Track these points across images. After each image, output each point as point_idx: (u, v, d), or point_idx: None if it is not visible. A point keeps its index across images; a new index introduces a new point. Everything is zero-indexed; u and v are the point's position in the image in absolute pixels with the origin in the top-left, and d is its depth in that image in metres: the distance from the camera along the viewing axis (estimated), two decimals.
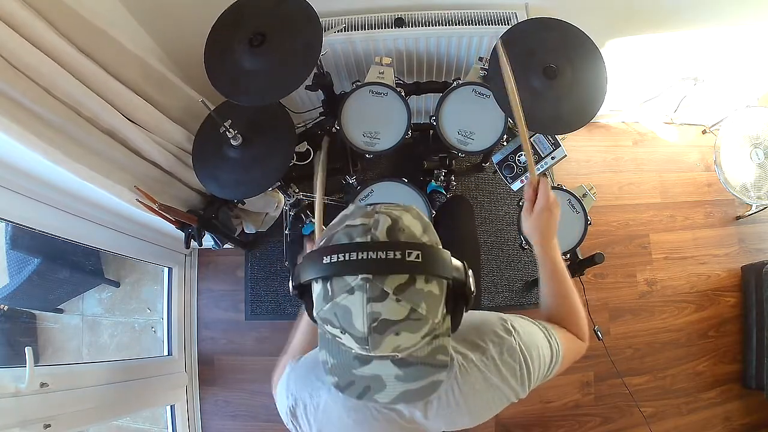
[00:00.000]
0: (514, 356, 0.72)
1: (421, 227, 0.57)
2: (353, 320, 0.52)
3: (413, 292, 0.52)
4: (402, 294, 0.52)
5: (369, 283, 0.51)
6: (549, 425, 1.99)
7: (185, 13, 1.40)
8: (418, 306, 0.53)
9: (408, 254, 0.52)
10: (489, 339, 0.73)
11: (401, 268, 0.52)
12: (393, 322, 0.52)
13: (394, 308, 0.52)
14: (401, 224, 0.55)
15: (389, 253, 0.52)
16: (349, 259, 0.52)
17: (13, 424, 1.14)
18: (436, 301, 0.55)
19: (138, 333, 2.18)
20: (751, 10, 1.54)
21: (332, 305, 0.53)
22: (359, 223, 0.56)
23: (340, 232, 0.56)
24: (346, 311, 0.53)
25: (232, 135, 1.31)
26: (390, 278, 0.52)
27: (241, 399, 2.02)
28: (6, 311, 2.06)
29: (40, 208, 1.31)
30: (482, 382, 0.71)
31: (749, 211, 2.19)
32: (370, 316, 0.52)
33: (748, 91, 2.05)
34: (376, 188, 1.48)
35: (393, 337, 0.53)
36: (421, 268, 0.53)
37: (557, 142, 1.47)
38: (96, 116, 1.18)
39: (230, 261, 2.14)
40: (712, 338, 2.11)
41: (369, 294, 0.51)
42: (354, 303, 0.52)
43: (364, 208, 0.59)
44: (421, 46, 1.56)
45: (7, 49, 0.93)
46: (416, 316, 0.53)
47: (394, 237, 0.54)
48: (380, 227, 0.54)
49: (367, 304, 0.51)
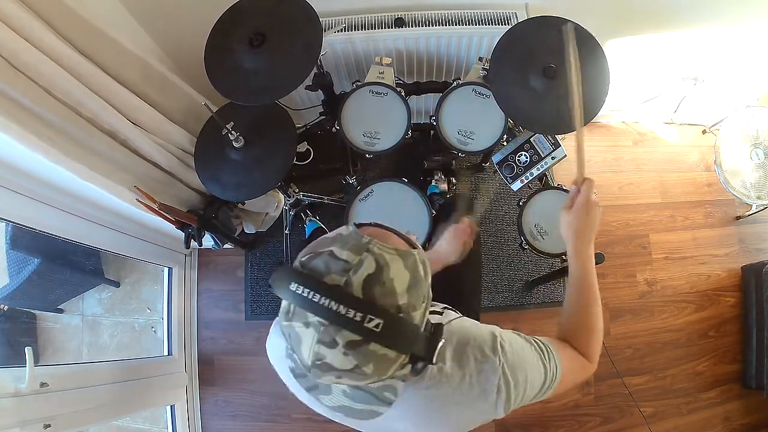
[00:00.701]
0: (492, 377, 0.69)
1: (407, 283, 0.54)
2: (301, 349, 0.53)
3: (364, 352, 0.52)
4: (351, 350, 0.51)
5: (324, 327, 0.51)
6: (549, 425, 1.99)
7: (185, 13, 1.40)
8: (365, 365, 0.52)
9: (368, 320, 0.50)
10: (473, 354, 0.70)
11: (356, 330, 0.51)
12: (336, 369, 0.53)
13: (340, 359, 0.52)
14: (384, 276, 0.53)
15: (350, 311, 0.50)
16: (311, 298, 0.51)
17: (13, 424, 1.14)
18: (388, 363, 0.54)
19: (138, 333, 2.18)
20: (751, 10, 1.54)
21: (289, 326, 0.54)
22: (343, 258, 0.53)
23: (322, 258, 0.55)
24: (298, 338, 0.53)
25: (234, 137, 1.31)
26: (343, 332, 0.51)
27: (241, 399, 2.01)
28: (6, 311, 2.06)
29: (40, 208, 1.31)
30: (452, 398, 0.69)
31: (749, 211, 2.19)
32: (316, 354, 0.52)
33: (748, 91, 2.05)
34: (376, 188, 1.48)
35: (333, 377, 0.54)
36: (376, 338, 0.51)
37: (557, 142, 1.47)
38: (96, 116, 1.18)
39: (230, 261, 2.14)
40: (712, 338, 2.11)
41: (320, 336, 0.51)
42: (306, 336, 0.52)
43: (360, 239, 0.55)
44: (421, 46, 1.56)
45: (7, 50, 0.93)
46: (360, 372, 0.53)
47: (367, 290, 0.52)
48: (360, 273, 0.52)
49: (316, 344, 0.52)
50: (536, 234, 1.45)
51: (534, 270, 2.08)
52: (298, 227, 1.99)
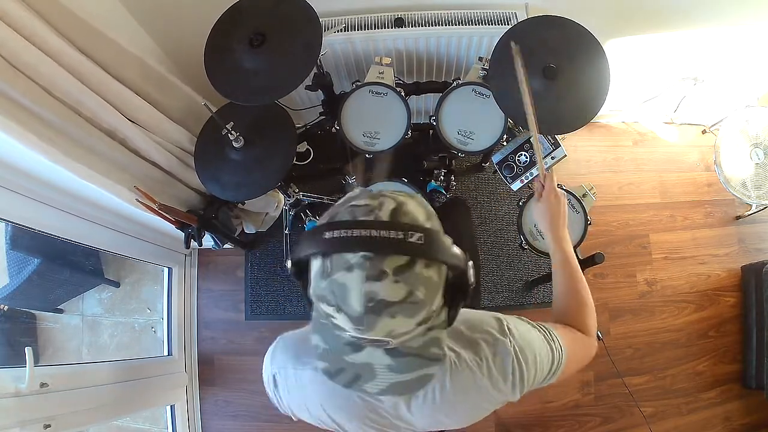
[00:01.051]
0: (507, 359, 0.70)
1: (425, 214, 0.57)
2: (350, 298, 0.51)
3: (412, 275, 0.51)
4: (401, 275, 0.51)
5: (368, 262, 0.50)
6: (549, 425, 1.99)
7: (185, 13, 1.40)
8: (416, 289, 0.52)
9: (410, 235, 0.51)
10: (483, 339, 0.71)
11: (402, 249, 0.51)
12: (389, 303, 0.51)
13: (392, 289, 0.51)
14: (405, 208, 0.55)
15: (391, 233, 0.51)
16: (351, 235, 0.51)
17: (13, 424, 1.14)
18: (434, 287, 0.54)
19: (138, 333, 2.18)
20: (751, 10, 1.54)
21: (330, 282, 0.52)
22: (363, 203, 0.55)
23: (343, 211, 0.55)
24: (343, 289, 0.51)
25: (234, 137, 1.31)
26: (390, 258, 0.50)
27: (241, 399, 2.01)
28: (6, 311, 2.06)
29: (40, 208, 1.31)
30: (471, 382, 0.70)
31: (749, 211, 2.19)
32: (367, 295, 0.50)
33: (748, 91, 2.05)
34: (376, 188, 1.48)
35: (388, 319, 0.52)
36: (422, 251, 0.52)
37: (557, 142, 1.47)
38: (96, 116, 1.18)
39: (230, 261, 2.14)
40: (712, 338, 2.11)
41: (368, 272, 0.50)
42: (352, 281, 0.51)
43: (370, 191, 0.58)
44: (421, 46, 1.56)
45: (6, 49, 0.93)
46: (413, 299, 0.52)
47: (396, 219, 0.53)
48: (384, 209, 0.54)
49: (365, 283, 0.50)
50: (536, 234, 1.46)
51: (534, 270, 2.08)
52: (298, 227, 1.99)
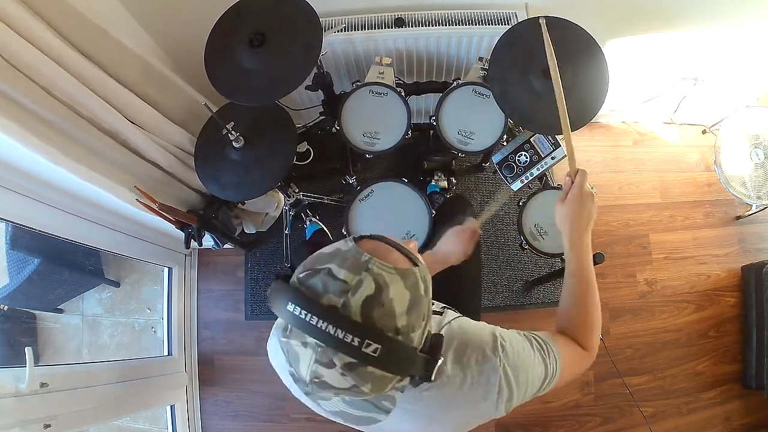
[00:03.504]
0: (492, 378, 0.69)
1: (407, 303, 0.54)
2: (299, 367, 0.53)
3: (361, 373, 0.52)
4: (349, 371, 0.51)
5: (321, 349, 0.51)
6: (549, 425, 1.99)
7: (185, 13, 1.40)
8: (363, 385, 0.52)
9: (366, 345, 0.50)
10: (473, 356, 0.70)
11: (353, 355, 0.50)
12: (334, 387, 0.53)
13: (338, 379, 0.52)
14: (383, 297, 0.52)
15: (347, 336, 0.50)
16: (308, 320, 0.51)
17: (13, 424, 1.14)
18: (385, 382, 0.54)
19: (138, 333, 2.18)
20: (751, 10, 1.54)
21: (287, 343, 0.54)
22: (341, 278, 0.52)
23: (320, 276, 0.54)
24: (296, 356, 0.53)
25: (234, 137, 1.31)
26: (341, 355, 0.51)
27: (241, 399, 2.01)
28: (6, 311, 2.06)
29: (40, 208, 1.31)
30: (453, 399, 0.69)
31: (749, 211, 2.19)
32: (314, 373, 0.52)
33: (748, 91, 2.05)
34: (376, 188, 1.48)
35: (332, 394, 0.54)
36: (374, 362, 0.51)
37: (557, 142, 1.47)
38: (96, 116, 1.18)
39: (230, 261, 2.14)
40: (712, 338, 2.11)
41: (317, 357, 0.51)
42: (303, 355, 0.52)
43: (359, 256, 0.54)
44: (421, 46, 1.56)
45: (7, 50, 0.93)
46: (358, 391, 0.53)
47: (366, 313, 0.51)
48: (358, 294, 0.51)
49: (314, 363, 0.52)
50: (536, 234, 1.45)
51: (534, 270, 2.08)
52: (298, 227, 1.99)
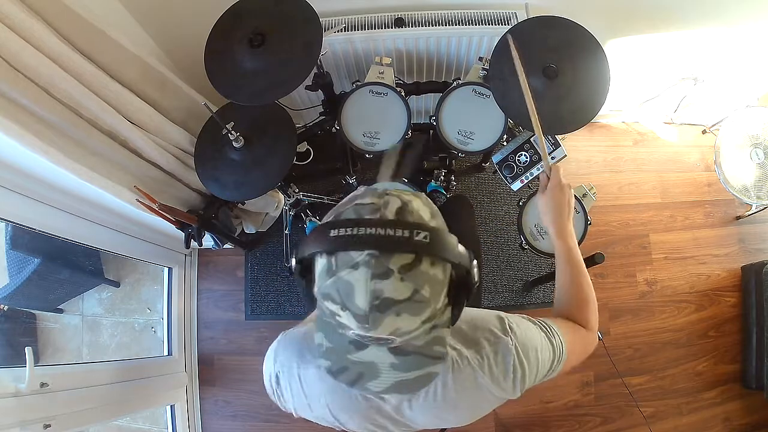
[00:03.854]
0: (508, 357, 0.71)
1: (429, 213, 0.57)
2: (355, 297, 0.51)
3: (418, 274, 0.52)
4: (406, 274, 0.51)
5: (374, 260, 0.50)
6: (549, 425, 1.99)
7: (185, 13, 1.40)
8: (422, 288, 0.52)
9: (416, 234, 0.51)
10: (485, 337, 0.72)
11: (408, 247, 0.51)
12: (395, 302, 0.51)
13: (398, 287, 0.51)
14: (411, 207, 0.55)
15: (398, 231, 0.51)
16: (357, 233, 0.51)
17: (13, 424, 1.14)
18: (439, 285, 0.54)
19: (138, 333, 2.18)
20: (751, 10, 1.54)
21: (335, 280, 0.52)
22: (369, 202, 0.56)
23: (348, 209, 0.56)
24: (348, 287, 0.51)
25: (234, 137, 1.31)
26: (396, 256, 0.51)
27: (241, 399, 2.02)
28: (6, 311, 2.06)
29: (40, 208, 1.31)
30: (473, 381, 0.70)
31: (749, 211, 2.19)
32: (373, 293, 0.51)
33: (748, 91, 2.05)
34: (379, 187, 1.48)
35: (393, 317, 0.52)
36: (428, 249, 0.52)
37: (557, 142, 1.47)
38: (96, 117, 1.18)
39: (230, 261, 2.14)
40: (712, 338, 2.12)
41: (373, 270, 0.50)
42: (357, 279, 0.51)
43: (375, 190, 0.58)
44: (421, 46, 1.56)
45: (6, 50, 0.93)
46: (419, 297, 0.52)
47: (402, 217, 0.54)
48: (390, 207, 0.54)
49: (371, 281, 0.50)
50: (536, 234, 1.45)
51: (534, 270, 2.08)
52: (298, 227, 1.99)
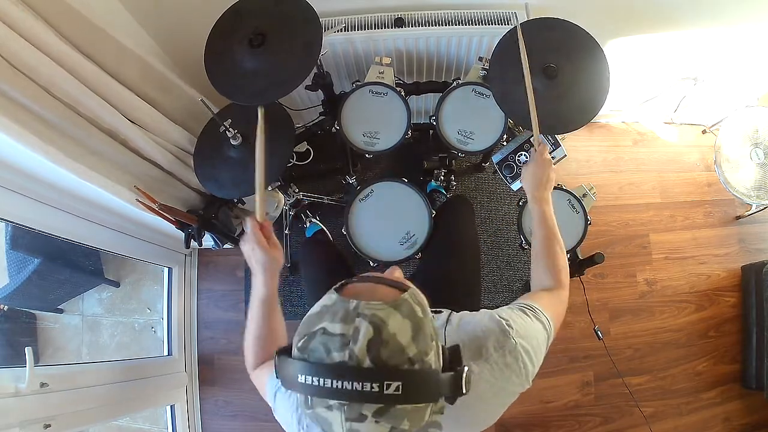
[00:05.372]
0: (516, 355, 0.73)
1: (410, 332, 0.52)
2: (334, 429, 0.52)
3: (394, 414, 0.51)
4: (381, 417, 0.50)
5: (347, 407, 0.50)
6: (549, 425, 1.99)
7: (185, 13, 1.40)
8: (400, 424, 0.52)
9: (386, 386, 0.49)
10: (490, 344, 0.73)
11: (378, 400, 0.49)
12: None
13: (374, 428, 0.51)
14: (385, 334, 0.51)
15: (365, 385, 0.49)
16: (323, 385, 0.50)
17: (13, 424, 1.13)
18: (421, 412, 0.53)
19: (138, 333, 2.18)
20: (751, 10, 1.54)
21: (313, 414, 0.53)
22: (338, 333, 0.51)
23: (317, 339, 0.52)
24: (326, 421, 0.52)
25: (231, 134, 1.31)
26: (366, 405, 0.50)
27: (241, 399, 2.01)
28: (6, 311, 2.06)
29: (40, 208, 1.31)
30: (489, 390, 0.72)
31: (749, 211, 2.19)
32: (351, 430, 0.51)
33: (748, 91, 2.05)
34: (376, 188, 1.48)
35: None
36: (401, 400, 0.50)
37: (557, 142, 1.47)
38: (95, 116, 1.18)
39: (230, 261, 2.14)
40: (712, 338, 2.12)
41: (347, 415, 0.50)
42: (333, 418, 0.51)
43: (346, 305, 0.53)
44: (421, 46, 1.56)
45: (6, 49, 0.93)
46: (399, 430, 0.52)
47: (374, 354, 0.50)
48: (360, 340, 0.50)
49: (346, 422, 0.51)
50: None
51: None
52: (298, 227, 1.99)
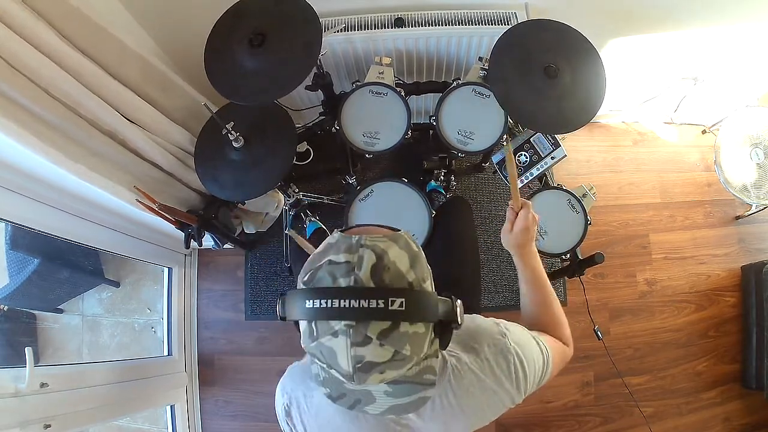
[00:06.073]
0: (508, 357, 0.73)
1: (408, 261, 0.57)
2: (338, 360, 0.54)
3: (397, 336, 0.53)
4: (385, 339, 0.52)
5: (352, 329, 0.52)
6: (549, 425, 1.99)
7: (185, 13, 1.40)
8: (402, 348, 0.53)
9: (391, 303, 0.51)
10: (484, 341, 0.74)
11: (384, 316, 0.52)
12: (377, 364, 0.53)
13: (378, 352, 0.53)
14: (386, 261, 0.55)
15: (371, 302, 0.51)
16: (331, 306, 0.52)
17: (13, 424, 1.13)
18: (421, 339, 0.55)
19: (138, 333, 2.18)
20: (751, 10, 1.54)
21: (317, 344, 0.54)
22: (342, 260, 0.55)
23: (323, 269, 0.56)
24: (330, 351, 0.54)
25: (234, 137, 1.31)
26: (373, 324, 0.52)
27: (241, 399, 2.01)
28: (6, 311, 2.06)
29: (40, 208, 1.31)
30: (477, 384, 0.72)
31: (749, 211, 2.19)
32: (354, 358, 0.53)
33: (748, 91, 2.05)
34: (376, 188, 1.48)
35: (378, 374, 0.55)
36: (405, 316, 0.53)
37: (557, 142, 1.47)
38: (95, 116, 1.18)
39: (230, 261, 2.13)
40: (712, 338, 2.11)
41: (352, 339, 0.52)
42: (338, 345, 0.53)
43: (349, 239, 0.57)
44: (421, 46, 1.56)
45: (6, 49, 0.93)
46: (400, 357, 0.54)
47: (378, 277, 0.54)
48: (364, 266, 0.54)
49: (351, 348, 0.52)
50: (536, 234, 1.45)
51: None
52: (298, 227, 1.99)
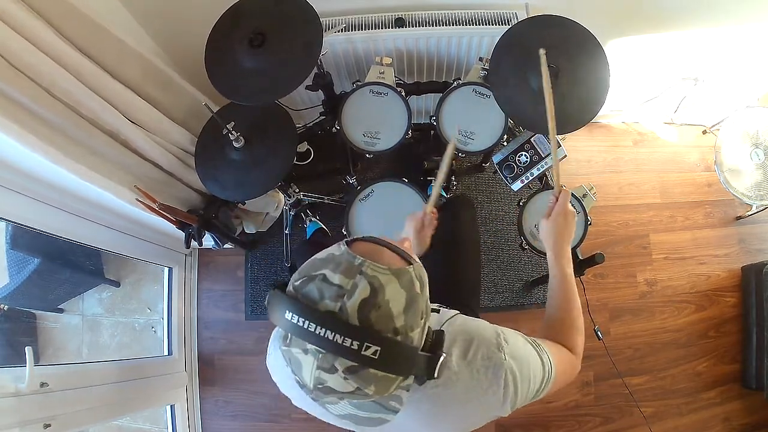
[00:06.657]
0: (499, 372, 0.70)
1: (404, 302, 0.53)
2: (302, 373, 0.53)
3: (364, 376, 0.52)
4: (351, 375, 0.51)
5: (321, 355, 0.51)
6: (549, 425, 1.99)
7: (185, 13, 1.40)
8: (366, 387, 0.52)
9: (365, 348, 0.50)
10: (479, 351, 0.71)
11: (354, 359, 0.50)
12: (337, 392, 0.53)
13: (340, 383, 0.52)
14: (379, 298, 0.52)
15: (346, 341, 0.50)
16: (307, 328, 0.51)
17: (13, 424, 1.13)
18: (389, 382, 0.54)
19: (138, 333, 2.18)
20: (751, 10, 1.54)
21: (287, 351, 0.54)
22: (336, 283, 0.53)
23: (315, 282, 0.54)
24: (298, 363, 0.53)
25: (234, 137, 1.31)
26: (341, 359, 0.51)
27: (241, 399, 2.02)
28: (6, 311, 2.06)
29: (40, 208, 1.31)
30: (463, 393, 0.70)
31: (749, 212, 2.19)
32: (317, 379, 0.52)
33: (748, 91, 2.05)
34: (376, 188, 1.48)
35: (335, 398, 0.54)
36: (375, 364, 0.51)
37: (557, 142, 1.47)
38: (96, 116, 1.18)
39: (230, 261, 2.13)
40: (712, 338, 2.11)
41: (319, 363, 0.51)
42: (306, 362, 0.52)
43: (352, 259, 0.54)
44: (421, 46, 1.56)
45: (6, 49, 0.93)
46: (362, 393, 0.53)
47: (364, 314, 0.51)
48: (354, 297, 0.51)
49: (316, 370, 0.52)
50: (536, 234, 1.46)
51: (534, 270, 2.08)
52: (298, 227, 1.99)
